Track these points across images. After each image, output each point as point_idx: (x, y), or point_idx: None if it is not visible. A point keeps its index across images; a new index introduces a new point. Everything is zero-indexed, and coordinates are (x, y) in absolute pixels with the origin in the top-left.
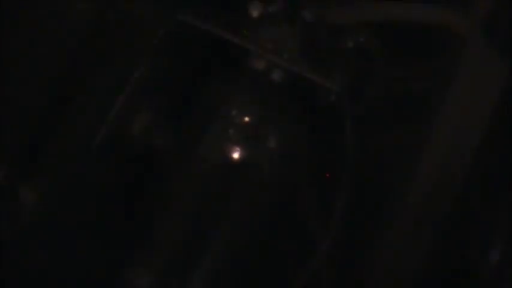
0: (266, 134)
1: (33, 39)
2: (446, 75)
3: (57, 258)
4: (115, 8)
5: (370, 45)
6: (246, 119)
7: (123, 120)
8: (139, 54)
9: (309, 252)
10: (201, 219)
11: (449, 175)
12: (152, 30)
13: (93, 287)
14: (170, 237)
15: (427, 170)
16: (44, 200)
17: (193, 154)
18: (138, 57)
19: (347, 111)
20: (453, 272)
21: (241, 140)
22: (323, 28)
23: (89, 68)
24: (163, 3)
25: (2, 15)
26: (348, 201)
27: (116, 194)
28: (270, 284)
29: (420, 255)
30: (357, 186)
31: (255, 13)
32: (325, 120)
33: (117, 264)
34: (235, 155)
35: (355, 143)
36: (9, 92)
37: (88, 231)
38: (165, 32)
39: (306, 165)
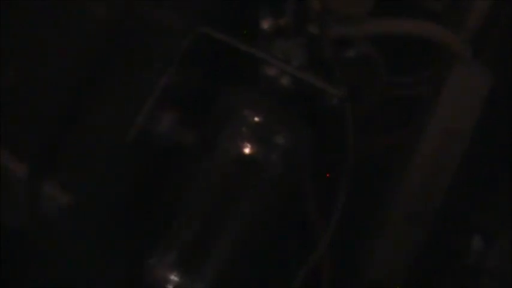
0: (275, 133)
1: (53, 42)
2: (438, 84)
3: (78, 251)
4: (134, 15)
5: (369, 55)
6: (258, 119)
7: (151, 120)
8: (160, 60)
9: (310, 245)
10: (217, 209)
11: (439, 175)
12: (171, 37)
13: (115, 275)
14: (189, 227)
15: (418, 169)
16: (66, 195)
17: (212, 150)
18: (160, 63)
19: (348, 115)
20: (441, 260)
21: (254, 138)
22: (327, 39)
23: (107, 71)
24: (183, 13)
25: (27, 18)
26: (346, 198)
27: (140, 186)
28: (273, 275)
29: (412, 249)
30: (355, 184)
31: (266, 25)
32: (328, 122)
33: (139, 253)
34: (249, 151)
35: (355, 143)
36: (30, 91)
37: (110, 225)
38: (189, 42)
39: (309, 163)
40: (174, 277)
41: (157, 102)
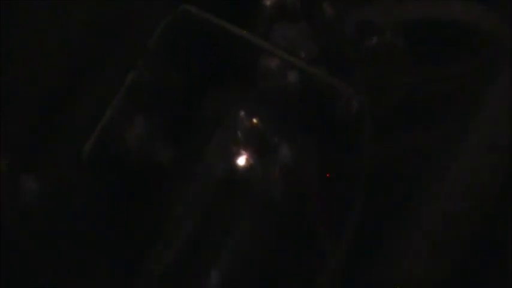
0: (277, 143)
1: (35, 36)
2: (478, 76)
3: (56, 245)
4: (115, 4)
5: (396, 43)
6: (255, 126)
7: (116, 128)
8: (138, 53)
9: (319, 267)
10: (204, 237)
11: (479, 187)
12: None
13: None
14: (170, 256)
15: (453, 181)
16: (45, 189)
17: (197, 165)
18: (137, 57)
19: (367, 121)
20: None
21: (249, 150)
22: (345, 24)
23: (91, 63)
24: None
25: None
26: (362, 213)
27: (111, 206)
28: None
29: (437, 277)
30: (374, 196)
31: (268, 1)
32: (343, 129)
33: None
34: (243, 167)
35: (375, 150)
36: (12, 85)
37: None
38: (165, 25)
39: (319, 178)
40: None
41: (124, 106)
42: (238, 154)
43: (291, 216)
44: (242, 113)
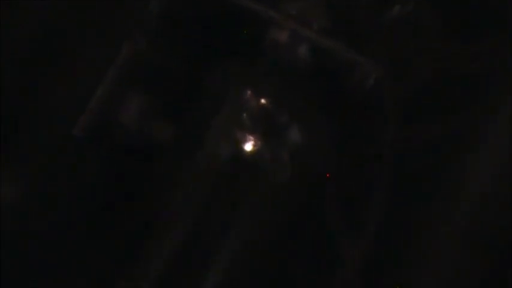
0: (286, 123)
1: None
2: (506, 56)
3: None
4: None
5: (419, 15)
6: (262, 106)
7: (110, 106)
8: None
9: (335, 260)
10: (206, 226)
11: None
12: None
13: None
14: (170, 245)
15: (482, 169)
16: (18, 190)
17: (199, 146)
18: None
19: (388, 98)
20: None
21: (256, 132)
22: None
23: (66, 47)
24: None
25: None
26: (383, 205)
27: (104, 189)
28: None
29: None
30: (396, 188)
31: None
32: (360, 106)
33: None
34: (249, 150)
35: (397, 135)
36: None
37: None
38: None
39: (334, 161)
40: None
41: (119, 80)
42: (244, 137)
43: (301, 205)
44: (249, 92)
